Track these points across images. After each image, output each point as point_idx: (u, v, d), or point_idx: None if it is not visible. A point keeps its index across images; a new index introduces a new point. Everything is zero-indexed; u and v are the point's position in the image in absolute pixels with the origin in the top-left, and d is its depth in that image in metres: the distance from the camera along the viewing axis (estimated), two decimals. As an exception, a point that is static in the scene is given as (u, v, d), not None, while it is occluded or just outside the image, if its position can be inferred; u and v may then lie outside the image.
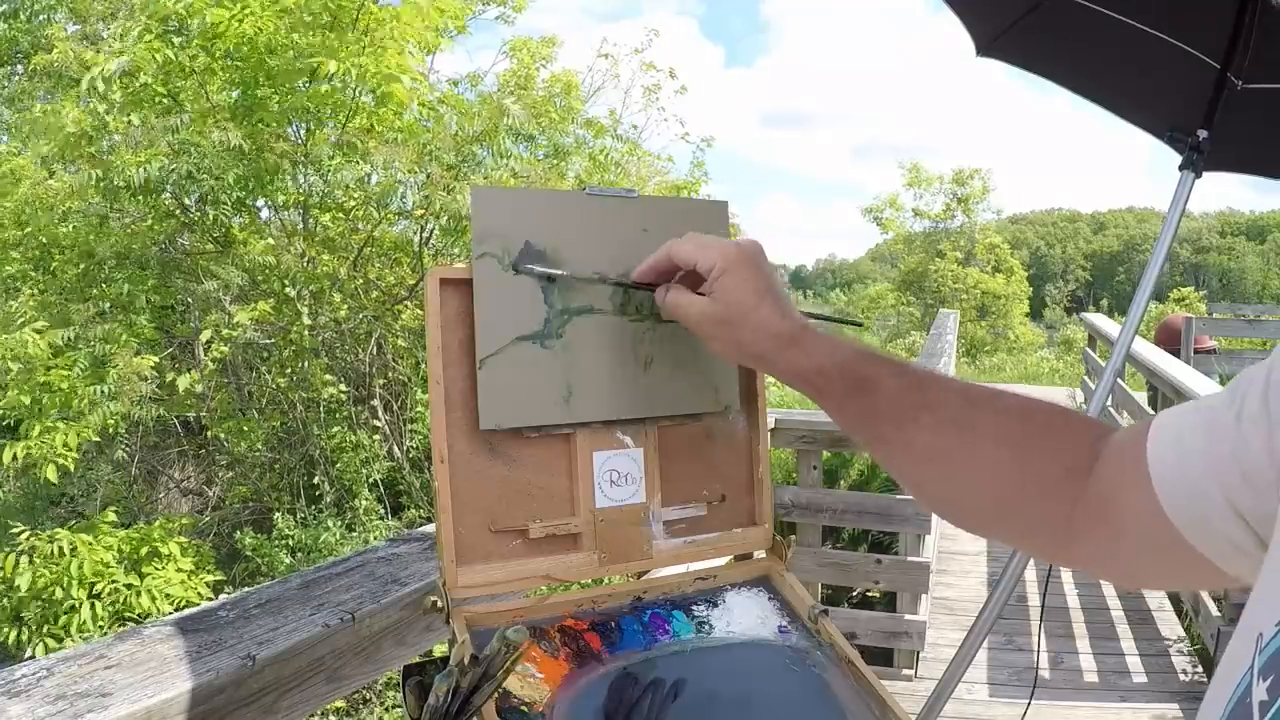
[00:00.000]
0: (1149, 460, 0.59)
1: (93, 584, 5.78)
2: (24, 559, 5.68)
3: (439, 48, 7.49)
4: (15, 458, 6.04)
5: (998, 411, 0.72)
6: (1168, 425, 0.60)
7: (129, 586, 5.89)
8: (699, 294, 0.82)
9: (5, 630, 5.69)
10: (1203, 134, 1.89)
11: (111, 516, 6.61)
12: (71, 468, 6.36)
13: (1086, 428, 0.69)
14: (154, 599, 5.83)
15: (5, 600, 5.73)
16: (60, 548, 5.79)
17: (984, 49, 2.27)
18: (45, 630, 5.67)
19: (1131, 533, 0.62)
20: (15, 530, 5.92)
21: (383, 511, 6.86)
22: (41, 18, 10.06)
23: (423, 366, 6.93)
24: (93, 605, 5.70)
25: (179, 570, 6.12)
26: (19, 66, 10.68)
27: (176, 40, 6.73)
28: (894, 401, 0.74)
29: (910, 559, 4.15)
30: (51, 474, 6.10)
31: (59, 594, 5.66)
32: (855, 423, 0.78)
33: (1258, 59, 1.90)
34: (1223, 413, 0.55)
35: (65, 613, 5.68)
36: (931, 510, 0.81)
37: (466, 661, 0.74)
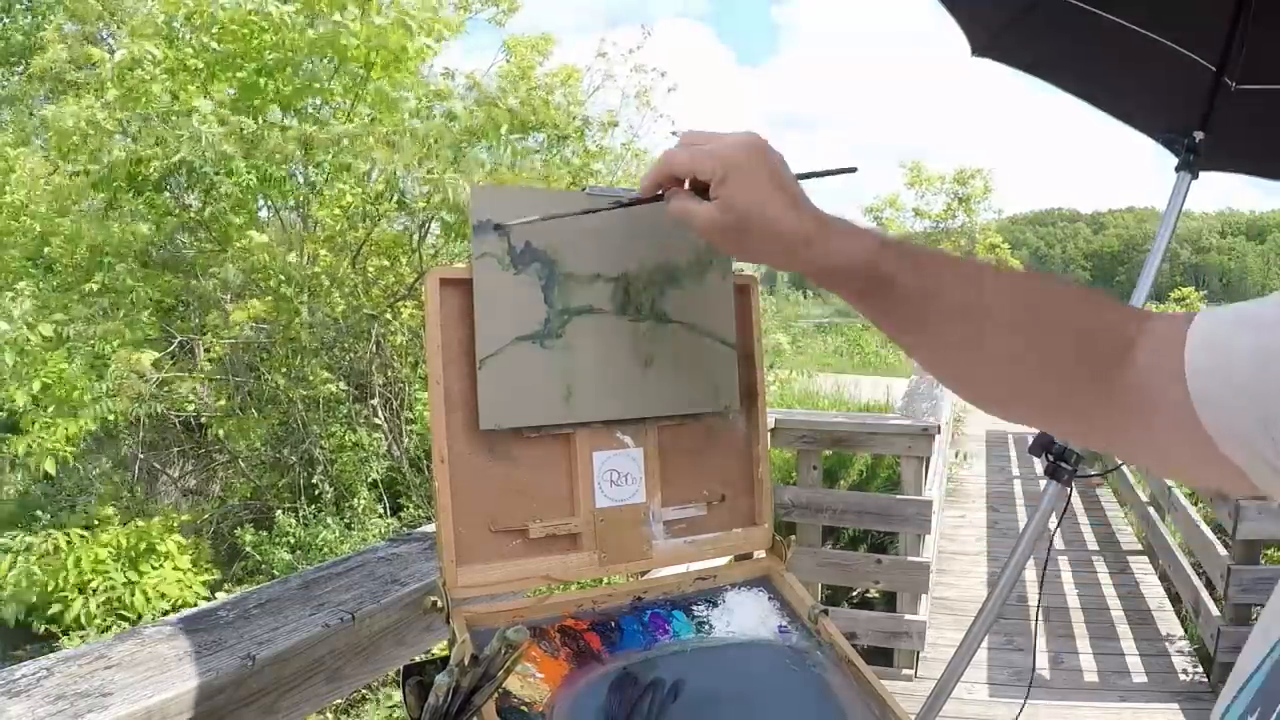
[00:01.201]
0: (1186, 366, 0.57)
1: (87, 580, 5.77)
2: (20, 559, 5.67)
3: (435, 54, 7.49)
4: (16, 454, 6.04)
5: (1015, 296, 0.69)
6: (1206, 331, 0.58)
7: (126, 584, 5.89)
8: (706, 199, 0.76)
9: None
10: (1198, 135, 1.89)
11: (109, 511, 6.61)
12: (70, 461, 6.36)
13: (1117, 313, 0.67)
14: (148, 598, 5.83)
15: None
16: (56, 544, 5.79)
17: (979, 49, 2.27)
18: (36, 619, 5.68)
19: (1165, 427, 0.60)
20: (9, 535, 5.92)
21: (382, 511, 6.86)
22: (39, 18, 10.08)
23: (422, 365, 6.94)
24: (86, 602, 5.69)
25: (176, 569, 6.12)
26: (18, 68, 10.68)
27: (177, 39, 6.74)
28: (906, 297, 0.71)
29: (910, 559, 4.15)
30: (50, 466, 6.11)
31: (49, 589, 5.66)
32: (875, 319, 0.75)
33: (1253, 60, 1.91)
34: (1268, 333, 0.54)
35: (57, 604, 5.68)
36: (964, 399, 0.80)
37: (466, 662, 0.74)
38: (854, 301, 0.74)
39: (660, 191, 0.81)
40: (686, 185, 0.78)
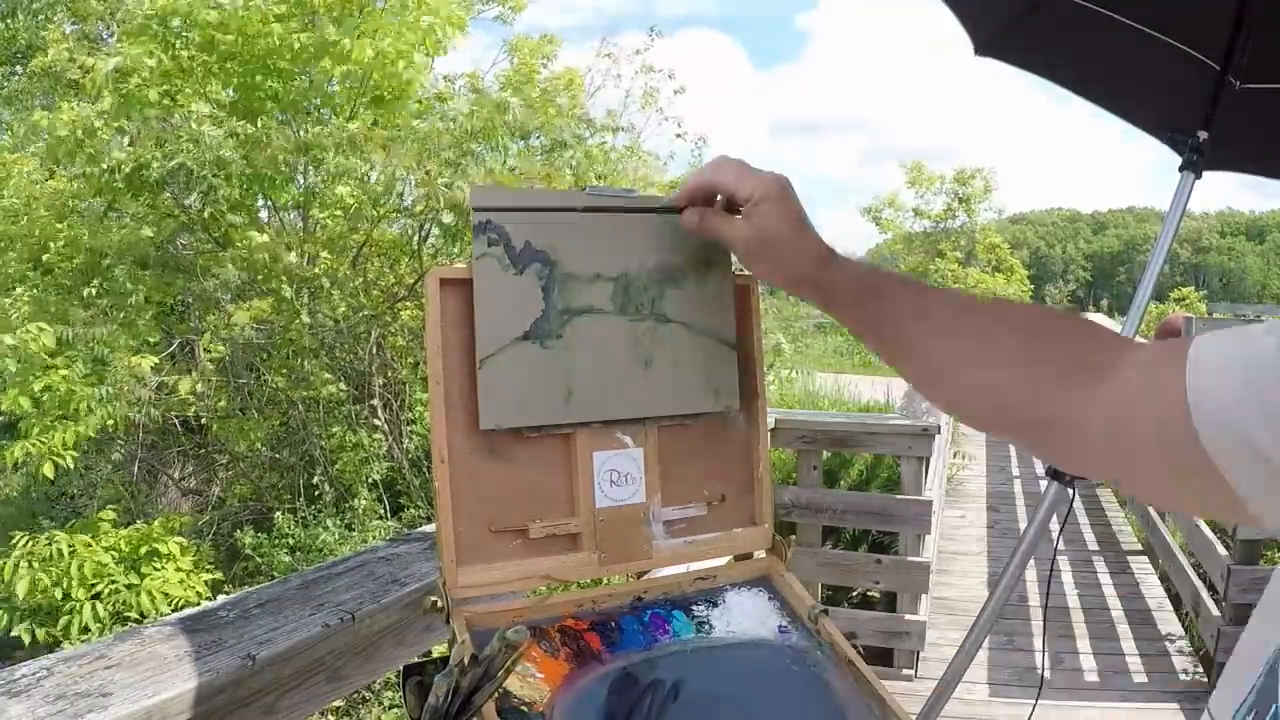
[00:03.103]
0: (1189, 389, 0.56)
1: (93, 584, 5.76)
2: (23, 564, 5.66)
3: (443, 50, 7.47)
4: (16, 461, 6.04)
5: (1003, 308, 0.77)
6: (1210, 351, 0.57)
7: (129, 586, 5.87)
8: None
9: (4, 622, 5.67)
10: (1202, 135, 1.89)
11: (110, 515, 6.59)
12: (71, 465, 6.35)
13: (1102, 332, 0.70)
14: (153, 599, 5.82)
15: (2, 608, 5.71)
16: (60, 549, 5.78)
17: (982, 48, 2.27)
18: (44, 630, 5.66)
19: (1153, 449, 0.60)
20: (13, 538, 5.90)
21: (382, 512, 6.85)
22: (40, 17, 10.08)
23: (422, 366, 6.92)
24: (94, 607, 5.68)
25: (178, 569, 6.11)
26: (18, 67, 10.68)
27: (175, 42, 6.74)
28: (903, 301, 0.79)
29: (910, 559, 4.15)
30: (48, 470, 6.10)
31: (58, 595, 5.64)
32: (868, 326, 0.83)
33: (1257, 59, 1.91)
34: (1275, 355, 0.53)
35: (65, 614, 5.66)
36: (944, 409, 0.87)
37: (466, 662, 0.74)
38: (847, 309, 0.84)
39: (684, 205, 0.92)
40: (719, 204, 0.90)
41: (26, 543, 5.80)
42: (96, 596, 5.75)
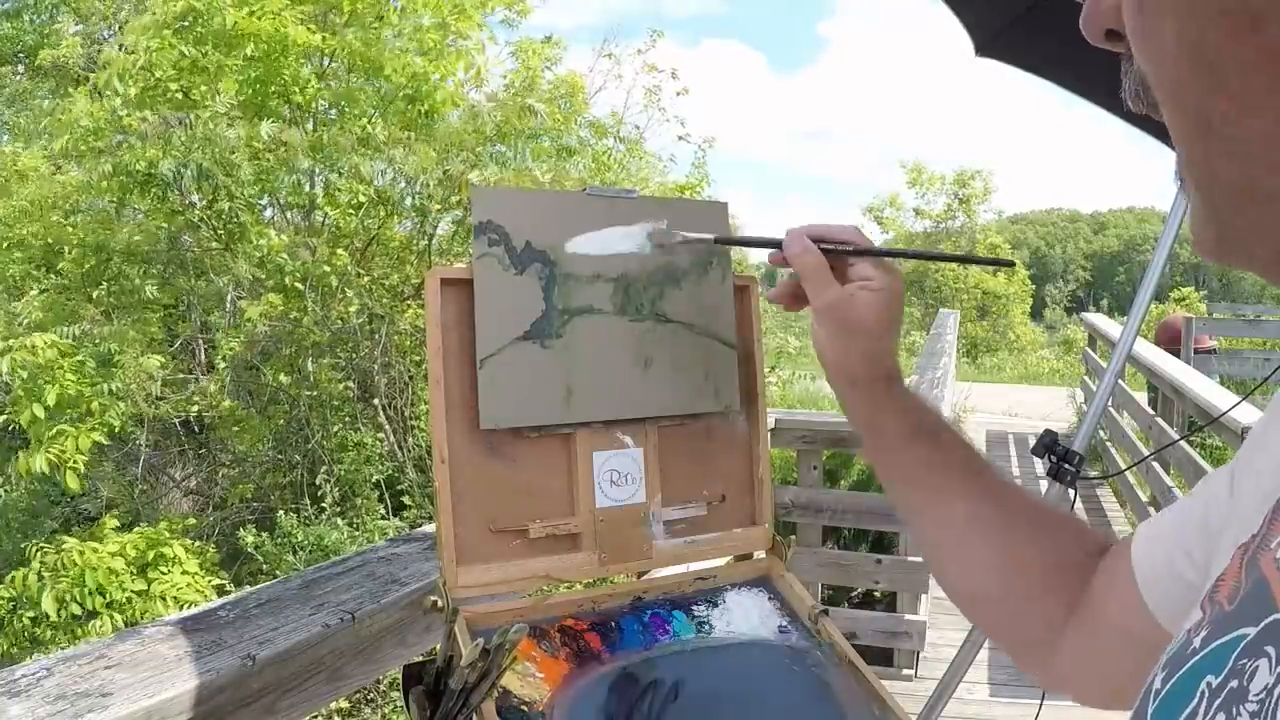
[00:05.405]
0: (1133, 559, 0.60)
1: (104, 593, 5.73)
2: (35, 575, 5.61)
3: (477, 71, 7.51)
4: (30, 469, 6.02)
5: (999, 502, 0.74)
6: (1147, 526, 0.62)
7: (139, 592, 5.85)
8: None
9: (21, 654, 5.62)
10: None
11: (114, 523, 6.59)
12: (82, 469, 6.34)
13: (1088, 539, 0.71)
14: (166, 604, 5.80)
15: (18, 621, 5.67)
16: (72, 558, 5.75)
17: (982, 49, 2.27)
18: (60, 644, 5.63)
19: (1113, 638, 0.62)
20: (24, 545, 5.87)
21: (384, 511, 6.86)
22: (44, 18, 10.11)
23: (425, 365, 6.91)
24: (111, 619, 5.65)
25: (184, 573, 6.09)
26: (20, 66, 10.70)
27: (192, 36, 6.77)
28: (947, 477, 0.77)
29: (910, 559, 4.15)
30: (72, 481, 6.07)
31: (74, 608, 5.61)
32: (905, 471, 0.80)
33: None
34: (1190, 499, 0.58)
35: (83, 626, 5.63)
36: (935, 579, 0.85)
37: (476, 661, 0.74)
38: (894, 439, 0.80)
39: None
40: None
41: (40, 552, 5.77)
42: (110, 605, 5.72)
